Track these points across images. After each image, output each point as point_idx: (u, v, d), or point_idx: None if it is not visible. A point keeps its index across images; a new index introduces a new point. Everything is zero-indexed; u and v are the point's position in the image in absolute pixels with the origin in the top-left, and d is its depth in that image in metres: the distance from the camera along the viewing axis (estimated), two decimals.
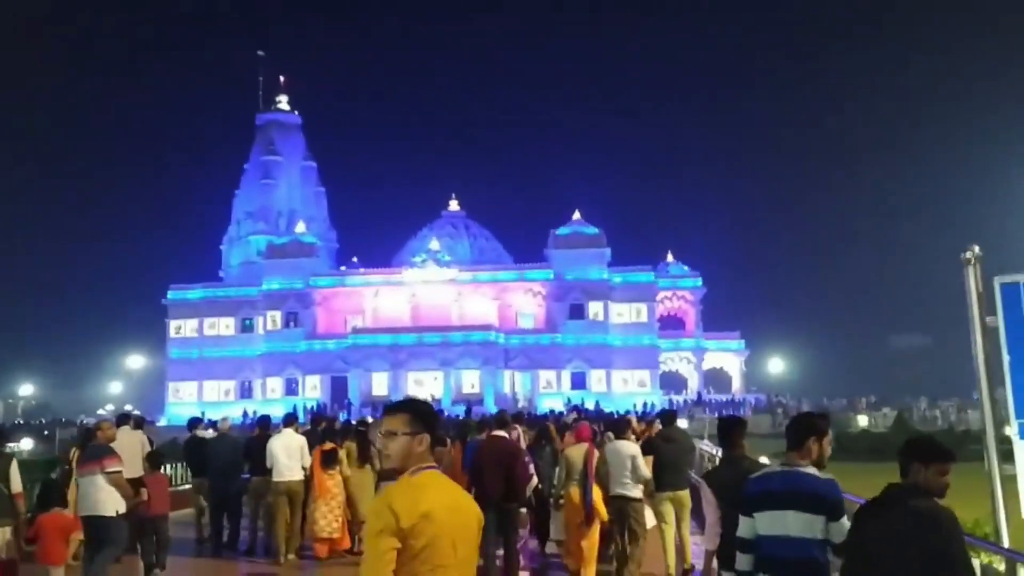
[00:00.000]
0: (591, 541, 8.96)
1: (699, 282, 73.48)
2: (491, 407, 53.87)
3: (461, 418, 18.90)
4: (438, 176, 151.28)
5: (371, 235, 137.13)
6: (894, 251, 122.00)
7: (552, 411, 36.93)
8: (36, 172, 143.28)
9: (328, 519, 10.70)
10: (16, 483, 7.79)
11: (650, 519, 9.51)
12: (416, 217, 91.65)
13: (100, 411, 72.00)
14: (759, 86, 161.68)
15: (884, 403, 59.67)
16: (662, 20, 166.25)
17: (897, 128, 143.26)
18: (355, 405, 58.88)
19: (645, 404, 53.55)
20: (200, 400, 66.77)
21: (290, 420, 11.64)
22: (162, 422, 56.84)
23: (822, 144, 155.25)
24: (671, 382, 71.50)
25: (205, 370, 69.55)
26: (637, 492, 9.04)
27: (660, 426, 10.38)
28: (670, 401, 58.32)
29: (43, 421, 65.35)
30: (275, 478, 10.68)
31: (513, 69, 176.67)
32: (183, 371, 70.08)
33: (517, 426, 11.73)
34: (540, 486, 10.05)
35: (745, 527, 4.24)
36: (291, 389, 66.43)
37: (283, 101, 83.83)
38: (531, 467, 9.49)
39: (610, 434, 10.24)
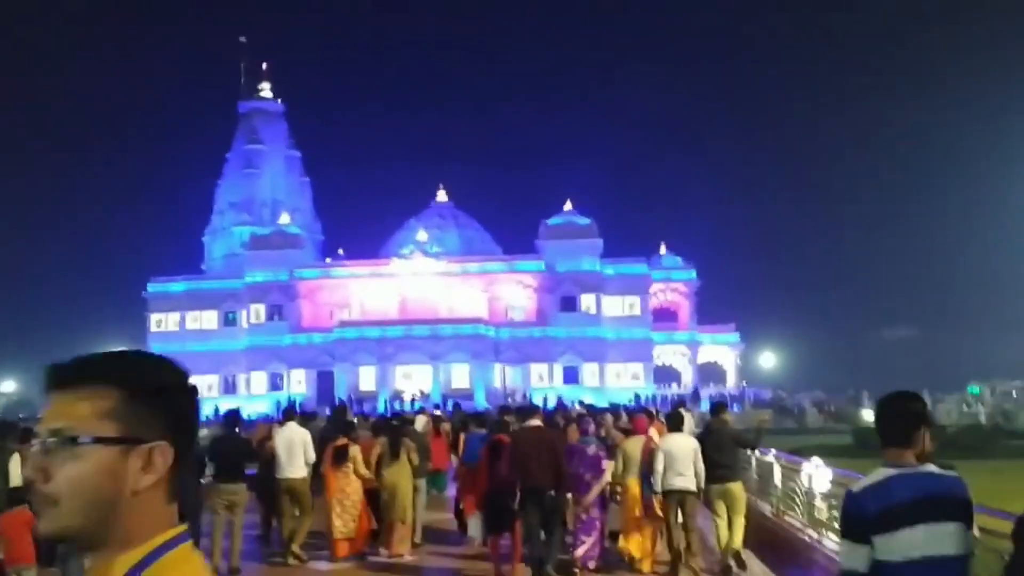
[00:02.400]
0: (649, 533, 9.43)
1: (693, 274, 72.02)
2: (481, 402, 52.46)
3: (452, 412, 17.94)
4: (426, 166, 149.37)
5: (357, 226, 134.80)
6: (888, 245, 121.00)
7: (561, 402, 35.86)
8: (10, 162, 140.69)
9: (344, 519, 10.30)
10: (16, 478, 7.56)
11: (613, 521, 9.90)
12: (403, 207, 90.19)
13: None
14: (754, 75, 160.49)
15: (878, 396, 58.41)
16: (654, 5, 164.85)
17: (890, 121, 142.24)
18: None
19: (637, 396, 52.23)
20: None
21: (290, 414, 11.22)
22: None
23: (818, 136, 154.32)
24: (665, 376, 70.15)
25: (187, 365, 65.08)
26: (694, 485, 9.10)
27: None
28: (685, 396, 56.94)
29: (20, 417, 63.46)
30: (277, 475, 10.36)
31: (504, 57, 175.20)
32: None
33: (590, 419, 11.40)
34: None
35: (854, 557, 3.23)
36: (276, 384, 64.73)
37: (266, 88, 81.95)
38: (604, 462, 9.53)
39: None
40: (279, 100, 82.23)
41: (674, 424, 9.64)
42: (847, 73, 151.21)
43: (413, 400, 50.55)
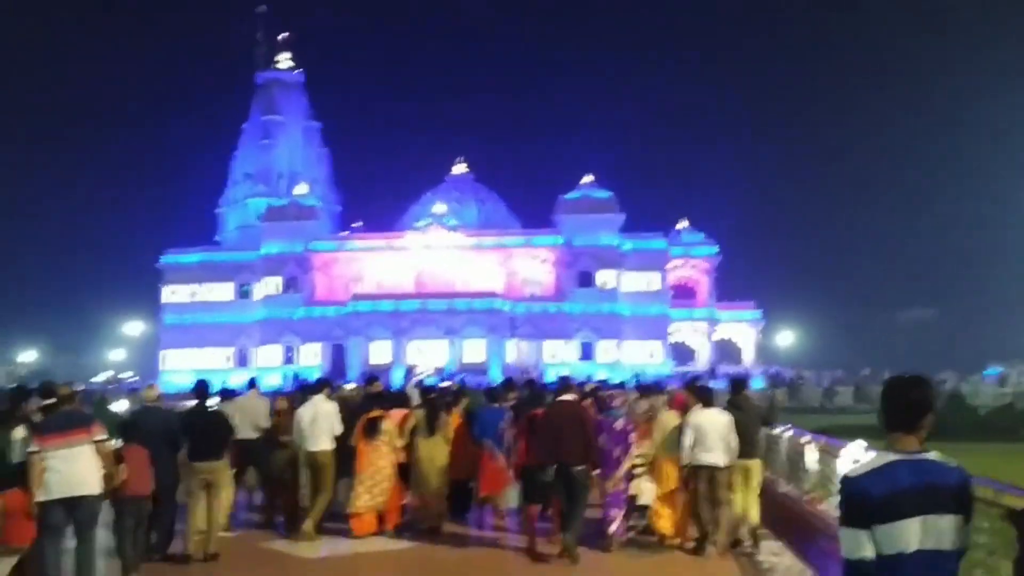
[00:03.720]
0: (684, 507, 9.44)
1: (714, 250, 71.00)
2: (496, 377, 51.84)
3: (459, 387, 17.22)
4: (444, 138, 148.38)
5: (375, 198, 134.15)
6: (910, 223, 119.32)
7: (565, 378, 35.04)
8: (31, 136, 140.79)
9: (373, 492, 10.04)
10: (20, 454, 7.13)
11: (646, 496, 9.80)
12: (421, 180, 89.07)
13: (95, 378, 70.25)
14: (778, 46, 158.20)
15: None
16: None
17: (915, 99, 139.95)
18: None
19: (637, 375, 51.55)
20: (195, 368, 64.72)
21: (321, 384, 10.86)
22: None
23: (842, 113, 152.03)
24: (682, 353, 69.44)
25: (200, 337, 67.34)
26: (723, 460, 9.07)
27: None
28: (702, 373, 56.15)
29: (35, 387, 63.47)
30: (302, 447, 10.13)
31: (525, 29, 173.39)
32: (177, 338, 67.88)
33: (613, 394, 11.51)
34: None
35: (861, 544, 3.04)
36: (289, 357, 64.41)
37: (284, 59, 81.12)
38: (631, 436, 9.58)
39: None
40: (298, 71, 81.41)
41: (706, 399, 9.51)
42: (872, 50, 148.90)
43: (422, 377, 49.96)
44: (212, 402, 10.05)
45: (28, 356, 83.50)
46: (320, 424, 10.09)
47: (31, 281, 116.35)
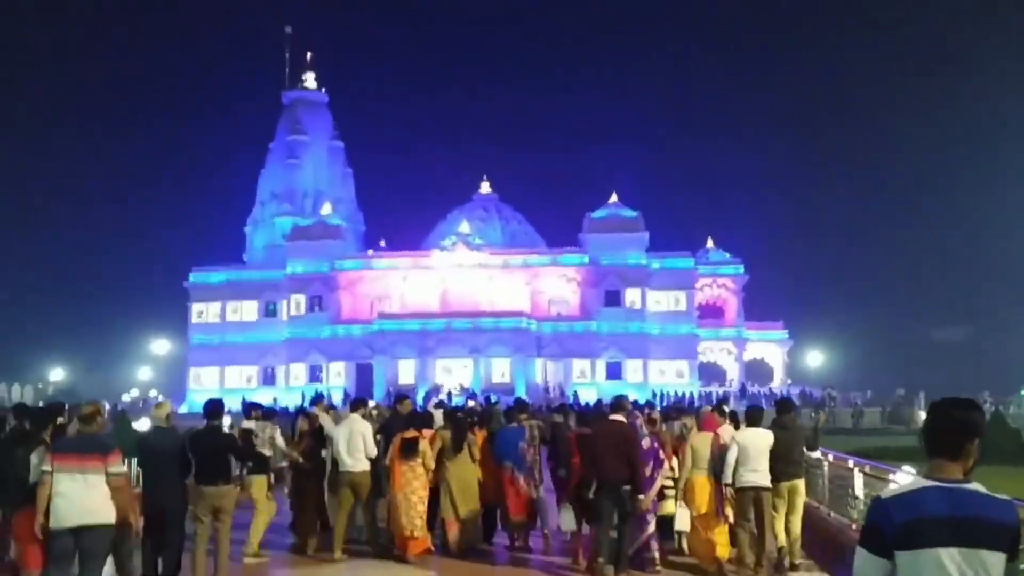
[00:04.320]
0: (720, 532, 9.28)
1: (741, 269, 70.40)
2: (522, 396, 51.43)
3: (484, 406, 17.13)
4: (470, 157, 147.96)
5: (400, 217, 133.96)
6: (941, 242, 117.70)
7: (600, 400, 34.61)
8: (59, 154, 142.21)
9: (411, 516, 9.92)
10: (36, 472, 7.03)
11: (681, 521, 9.66)
12: (446, 199, 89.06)
13: (124, 396, 70.50)
14: (806, 63, 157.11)
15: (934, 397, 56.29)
16: None
17: (948, 114, 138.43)
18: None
19: (654, 394, 50.87)
20: (222, 387, 64.78)
21: (357, 404, 10.97)
22: (183, 409, 54.65)
23: (871, 130, 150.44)
24: (710, 373, 68.66)
25: (227, 356, 67.51)
26: (768, 481, 9.03)
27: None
28: (736, 394, 55.51)
29: (66, 405, 63.72)
30: (340, 468, 10.15)
31: (550, 49, 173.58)
32: (205, 356, 68.06)
33: (637, 412, 11.19)
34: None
35: (870, 569, 2.99)
36: (315, 376, 64.20)
37: (310, 79, 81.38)
38: (661, 452, 9.66)
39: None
40: (323, 90, 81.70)
41: (752, 419, 9.54)
42: (903, 67, 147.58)
43: (450, 394, 49.67)
44: (227, 422, 9.85)
45: (56, 374, 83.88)
46: (356, 444, 10.02)
47: (60, 299, 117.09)
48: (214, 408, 9.06)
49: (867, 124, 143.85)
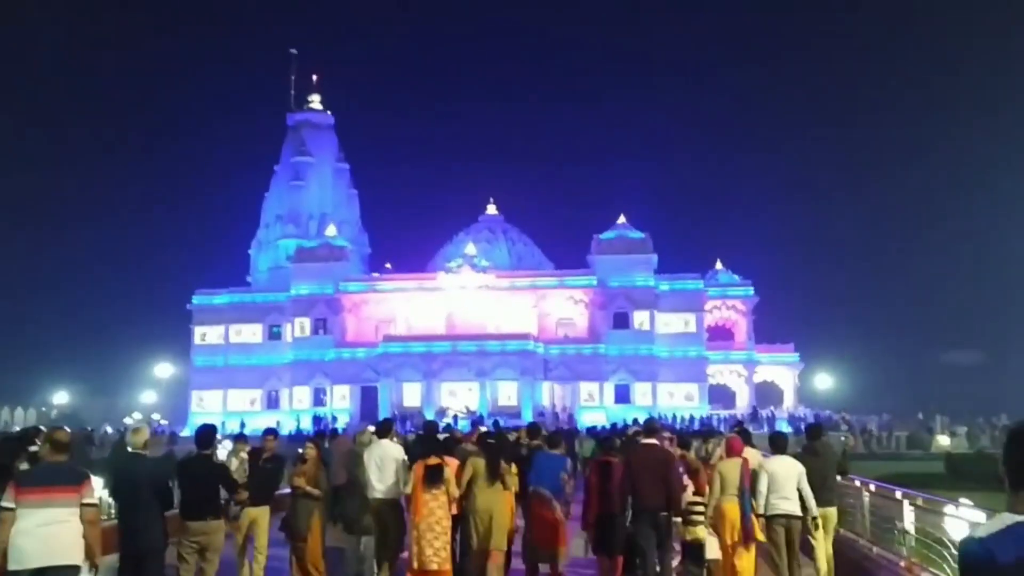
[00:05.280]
0: (749, 560, 9.08)
1: (750, 291, 69.55)
2: (528, 420, 50.51)
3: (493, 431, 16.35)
4: (476, 178, 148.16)
5: (405, 239, 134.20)
6: (952, 263, 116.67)
7: (615, 424, 33.81)
8: (62, 176, 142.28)
9: (435, 547, 9.28)
10: None
11: (712, 549, 9.26)
12: (452, 221, 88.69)
13: (126, 419, 69.61)
14: (818, 85, 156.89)
15: (952, 422, 55.22)
16: (707, 10, 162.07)
17: (960, 134, 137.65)
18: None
19: (651, 417, 49.81)
20: (225, 410, 64.01)
21: (386, 428, 10.43)
22: (185, 432, 53.76)
23: (881, 150, 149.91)
24: (720, 396, 67.65)
25: (231, 378, 66.71)
26: (799, 509, 8.81)
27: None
28: (744, 416, 54.50)
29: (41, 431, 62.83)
30: (369, 494, 9.70)
31: (557, 70, 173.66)
32: (208, 379, 67.26)
33: (666, 433, 10.98)
34: None
35: None
36: (319, 399, 63.42)
37: (315, 100, 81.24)
38: (685, 476, 9.29)
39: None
40: (328, 112, 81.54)
41: (777, 446, 9.36)
42: (915, 90, 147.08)
43: (456, 417, 48.78)
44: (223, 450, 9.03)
45: (60, 398, 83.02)
46: (387, 469, 9.65)
47: (63, 322, 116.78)
48: (206, 435, 8.35)
49: (878, 146, 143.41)
